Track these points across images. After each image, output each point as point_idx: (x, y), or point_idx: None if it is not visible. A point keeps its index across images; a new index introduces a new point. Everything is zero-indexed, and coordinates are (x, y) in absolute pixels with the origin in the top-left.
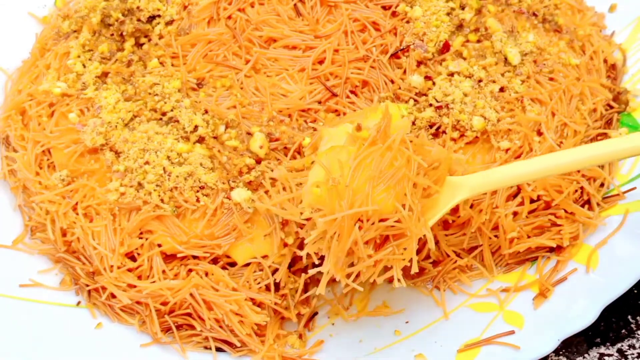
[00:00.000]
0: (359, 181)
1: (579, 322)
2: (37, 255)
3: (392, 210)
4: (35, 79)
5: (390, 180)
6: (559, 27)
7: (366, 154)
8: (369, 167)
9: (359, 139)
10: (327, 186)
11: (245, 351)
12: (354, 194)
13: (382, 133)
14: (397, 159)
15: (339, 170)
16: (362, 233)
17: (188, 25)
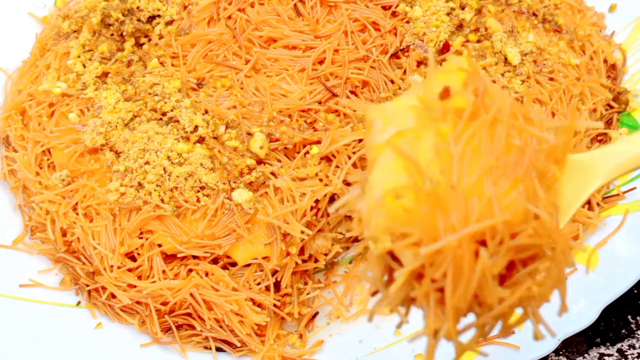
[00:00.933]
0: (469, 178)
1: (579, 322)
2: (37, 255)
3: (523, 218)
4: (35, 79)
5: (515, 169)
6: (559, 27)
7: (471, 133)
8: (479, 152)
9: (447, 112)
10: (418, 192)
11: (245, 351)
12: (467, 198)
13: (482, 98)
14: (512, 136)
15: (431, 162)
16: (491, 261)
17: (188, 25)
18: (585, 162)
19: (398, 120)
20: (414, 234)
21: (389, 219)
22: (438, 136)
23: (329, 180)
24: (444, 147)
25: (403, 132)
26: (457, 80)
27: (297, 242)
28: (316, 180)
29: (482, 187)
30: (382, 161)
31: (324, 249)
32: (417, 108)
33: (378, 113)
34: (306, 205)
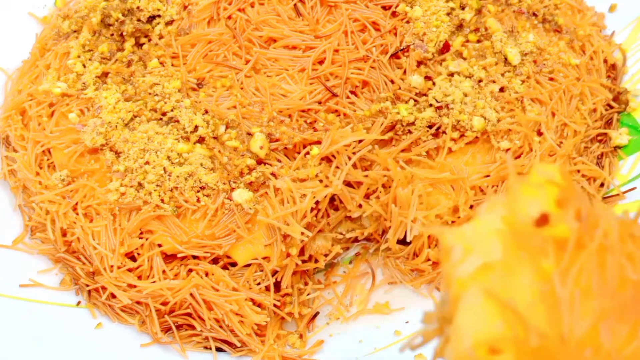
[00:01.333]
0: (581, 325)
1: None
2: (37, 255)
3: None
4: (35, 79)
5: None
6: (559, 27)
7: (578, 269)
8: (589, 292)
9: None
10: (521, 347)
11: (246, 351)
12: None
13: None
14: (624, 267)
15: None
16: None
17: (188, 25)
18: None
19: (482, 249)
20: None
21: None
22: (538, 274)
23: (329, 181)
24: (547, 289)
25: (490, 266)
26: (547, 197)
27: (297, 244)
28: (316, 181)
29: (597, 336)
30: (469, 302)
31: (324, 250)
32: (505, 233)
33: (457, 238)
34: (306, 206)
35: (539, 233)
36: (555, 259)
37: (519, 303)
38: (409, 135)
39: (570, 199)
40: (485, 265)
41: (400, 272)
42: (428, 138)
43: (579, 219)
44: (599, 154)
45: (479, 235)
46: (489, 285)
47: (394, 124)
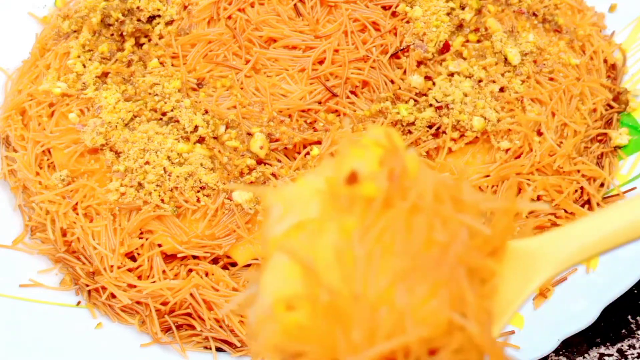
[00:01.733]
0: (377, 285)
1: (579, 322)
2: (37, 255)
3: (446, 330)
4: (35, 79)
5: (437, 272)
6: (559, 27)
7: (380, 230)
8: (390, 251)
9: (356, 201)
10: (314, 303)
11: (246, 351)
12: (373, 310)
13: (399, 184)
14: (435, 228)
15: (332, 265)
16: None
17: (188, 25)
18: (531, 250)
19: (300, 208)
20: (309, 353)
21: (280, 335)
22: (341, 233)
23: None
24: (347, 247)
25: (303, 224)
26: (373, 158)
27: None
28: None
29: (394, 295)
30: (276, 261)
31: None
32: (323, 193)
33: (277, 197)
34: None
35: (349, 192)
36: (360, 217)
37: (320, 261)
38: (409, 135)
39: (389, 159)
40: (298, 224)
41: None
42: (428, 138)
43: (391, 179)
44: (599, 154)
45: (300, 195)
46: (297, 244)
47: (394, 124)
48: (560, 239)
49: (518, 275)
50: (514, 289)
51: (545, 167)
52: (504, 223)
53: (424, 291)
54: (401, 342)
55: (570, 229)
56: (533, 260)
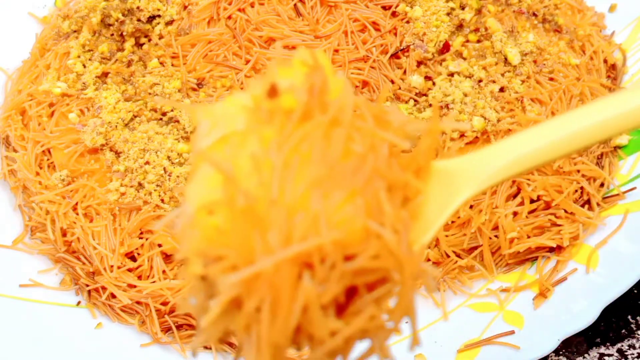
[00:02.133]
0: (294, 191)
1: (579, 322)
2: (37, 255)
3: (362, 237)
4: (35, 79)
5: (353, 180)
6: (559, 27)
7: (299, 137)
8: (308, 160)
9: (276, 113)
10: (232, 208)
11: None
12: (290, 215)
13: (318, 96)
14: (354, 141)
15: (251, 173)
16: (317, 289)
17: (188, 25)
18: (454, 169)
19: (227, 123)
20: (228, 256)
21: (201, 240)
22: (260, 142)
23: None
24: (265, 156)
25: (227, 137)
26: (299, 77)
27: None
28: None
29: (310, 200)
30: (201, 172)
31: None
32: (249, 109)
33: (206, 114)
34: None
35: (270, 105)
36: (279, 127)
37: (240, 170)
38: None
39: (311, 75)
40: (222, 137)
41: None
42: None
43: (311, 93)
44: (599, 154)
45: (227, 111)
46: (219, 155)
47: None
48: (483, 158)
49: (441, 194)
50: (436, 207)
51: (545, 167)
52: (427, 142)
53: (339, 198)
54: (315, 244)
55: (492, 149)
56: (456, 179)
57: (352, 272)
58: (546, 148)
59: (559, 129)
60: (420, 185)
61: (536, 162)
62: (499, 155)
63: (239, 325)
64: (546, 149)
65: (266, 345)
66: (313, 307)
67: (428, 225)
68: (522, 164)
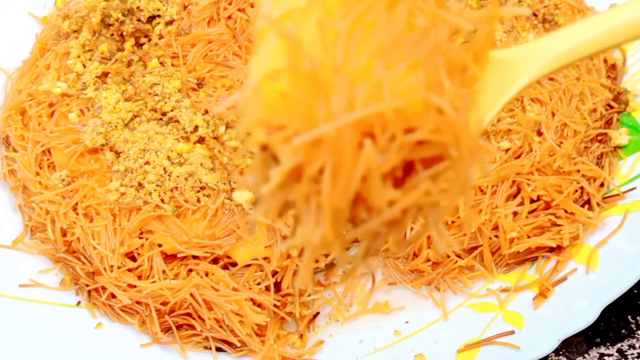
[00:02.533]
0: (357, 59)
1: (579, 322)
2: (37, 255)
3: (422, 109)
4: (35, 79)
5: (415, 52)
6: (559, 27)
7: (362, 9)
8: (371, 32)
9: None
10: (296, 74)
11: (246, 351)
12: (353, 83)
13: None
14: (415, 16)
15: (315, 41)
16: (379, 157)
17: (188, 25)
18: (510, 58)
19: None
20: (291, 124)
21: (265, 108)
22: (326, 12)
23: None
24: (329, 24)
25: (290, 13)
26: None
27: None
28: None
29: (373, 69)
30: (265, 46)
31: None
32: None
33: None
34: None
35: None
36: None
37: (304, 38)
38: None
39: None
40: (285, 13)
41: (400, 273)
42: None
43: None
44: (599, 154)
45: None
46: (278, 24)
47: None
48: (537, 48)
49: (498, 82)
50: (493, 95)
51: (545, 167)
52: (486, 30)
53: (401, 68)
54: (378, 110)
55: (544, 40)
56: (513, 68)
57: (411, 144)
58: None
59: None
60: (477, 71)
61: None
62: (552, 46)
63: (299, 195)
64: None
65: (327, 210)
66: (373, 175)
67: (485, 111)
68: (573, 54)
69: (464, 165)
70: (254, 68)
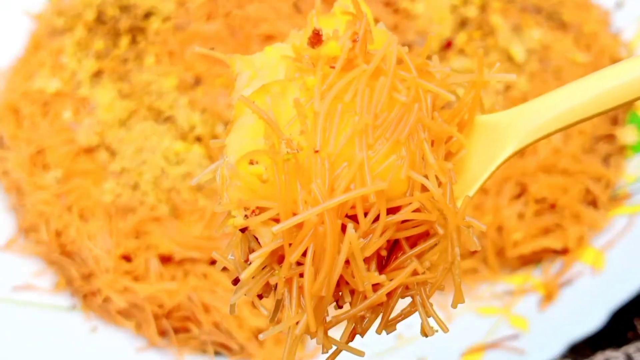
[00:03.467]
0: (337, 140)
1: (587, 325)
2: (31, 257)
3: (405, 189)
4: (29, 77)
5: (397, 131)
6: (564, 24)
7: (342, 86)
8: (352, 109)
9: (320, 60)
10: (275, 157)
11: (244, 355)
12: (333, 165)
13: (362, 45)
14: (398, 91)
15: (293, 122)
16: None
17: (185, 22)
18: (498, 123)
19: (267, 74)
20: (271, 206)
21: (243, 191)
22: (303, 91)
23: None
24: (308, 104)
25: (268, 87)
26: (340, 26)
27: None
28: None
29: (354, 151)
30: (242, 122)
31: None
32: (290, 58)
33: (245, 65)
34: None
35: (312, 52)
36: (322, 76)
37: (282, 118)
38: None
39: (355, 22)
40: (263, 87)
41: None
42: None
43: (354, 39)
44: (605, 154)
45: (267, 62)
46: (261, 104)
47: None
48: (528, 111)
49: (486, 148)
50: (481, 161)
51: (550, 167)
52: (471, 95)
53: (384, 148)
54: (360, 194)
55: (536, 103)
56: (502, 132)
57: (395, 225)
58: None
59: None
60: (463, 139)
61: (579, 117)
62: (542, 111)
63: (280, 279)
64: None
65: (309, 297)
66: (357, 259)
67: (472, 180)
68: (565, 119)
69: (452, 241)
70: (232, 144)
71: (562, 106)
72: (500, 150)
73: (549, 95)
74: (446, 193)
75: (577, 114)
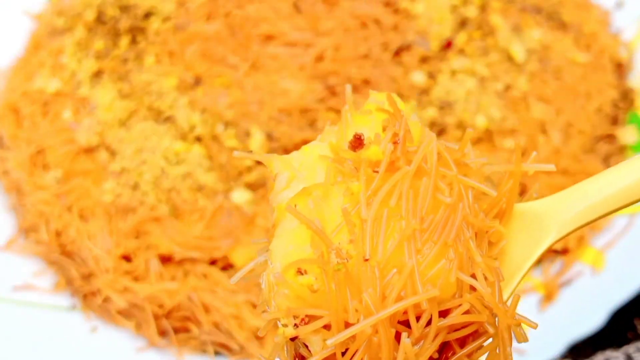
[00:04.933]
0: (385, 247)
1: (587, 325)
2: (31, 257)
3: (455, 291)
4: (29, 77)
5: (444, 233)
6: (564, 24)
7: (388, 190)
8: (397, 213)
9: (362, 164)
10: (325, 268)
11: (244, 355)
12: (382, 272)
13: (403, 146)
14: (441, 190)
15: (340, 229)
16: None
17: (185, 22)
18: (538, 212)
19: (306, 175)
20: (321, 315)
21: (292, 299)
22: (348, 197)
23: None
24: (354, 210)
25: (309, 190)
26: (376, 124)
27: None
28: None
29: (403, 257)
30: (284, 227)
31: None
32: (328, 159)
33: (284, 165)
34: None
35: (354, 156)
36: (366, 180)
37: (328, 224)
38: None
39: (393, 123)
40: (304, 190)
41: None
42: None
43: (395, 142)
44: (606, 154)
45: (305, 162)
46: (304, 209)
47: None
48: (567, 199)
49: (526, 237)
50: (522, 251)
51: None
52: (509, 185)
53: (433, 252)
54: (412, 303)
55: (575, 190)
56: (540, 222)
57: (446, 328)
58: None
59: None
60: (503, 229)
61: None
62: (582, 197)
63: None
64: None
65: None
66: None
67: (514, 271)
68: (607, 205)
69: (503, 342)
70: (277, 251)
71: (599, 194)
72: (540, 241)
73: (585, 183)
74: (495, 292)
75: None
